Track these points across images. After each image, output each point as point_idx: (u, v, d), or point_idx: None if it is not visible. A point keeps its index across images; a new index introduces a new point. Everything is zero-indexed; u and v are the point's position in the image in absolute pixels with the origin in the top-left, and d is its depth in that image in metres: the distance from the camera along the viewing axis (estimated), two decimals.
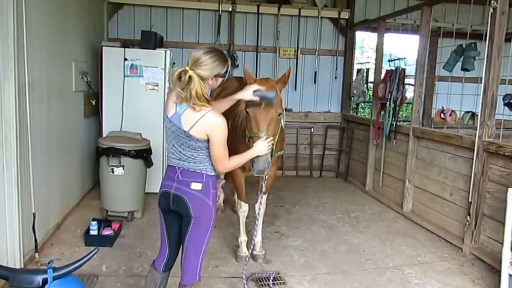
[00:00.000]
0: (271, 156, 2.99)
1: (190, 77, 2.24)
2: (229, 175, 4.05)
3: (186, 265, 2.50)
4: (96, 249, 2.50)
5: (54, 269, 2.39)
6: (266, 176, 3.40)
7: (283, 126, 3.41)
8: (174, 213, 2.51)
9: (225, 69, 2.39)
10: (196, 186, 2.41)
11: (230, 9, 6.90)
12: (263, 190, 3.71)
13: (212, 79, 2.37)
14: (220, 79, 2.43)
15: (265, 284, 3.52)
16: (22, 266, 3.45)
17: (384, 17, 6.34)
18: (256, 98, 2.83)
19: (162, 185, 2.53)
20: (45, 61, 3.92)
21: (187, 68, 2.27)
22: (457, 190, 4.53)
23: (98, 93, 5.62)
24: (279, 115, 3.05)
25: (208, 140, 2.35)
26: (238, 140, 3.42)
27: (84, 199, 5.42)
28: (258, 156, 2.80)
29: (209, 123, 2.31)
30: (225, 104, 2.86)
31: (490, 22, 4.04)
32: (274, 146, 3.01)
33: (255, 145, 2.80)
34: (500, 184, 3.92)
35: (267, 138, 2.85)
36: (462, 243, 4.32)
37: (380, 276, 3.76)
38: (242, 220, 4.00)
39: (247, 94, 2.83)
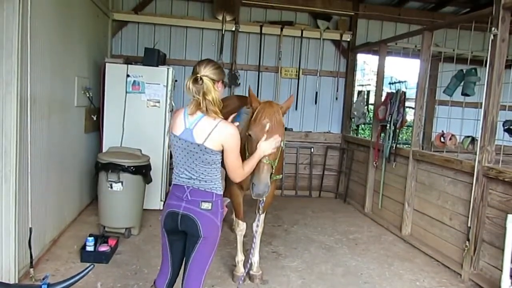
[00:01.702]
0: (270, 180, 2.99)
1: (204, 81, 2.30)
2: (228, 194, 4.04)
3: (189, 284, 2.45)
4: (92, 265, 2.47)
5: (49, 285, 2.34)
6: (264, 198, 3.40)
7: (283, 147, 3.42)
8: (181, 233, 2.48)
9: (225, 75, 2.50)
10: (207, 205, 2.39)
11: (233, 29, 7.00)
12: (261, 211, 3.70)
13: (220, 85, 2.43)
14: (223, 87, 2.49)
15: None
16: (17, 282, 3.41)
17: (385, 41, 6.42)
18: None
19: (168, 205, 2.48)
20: (48, 76, 3.96)
21: (201, 74, 2.32)
22: (456, 214, 4.50)
23: (99, 108, 5.64)
24: (281, 140, 3.06)
25: (222, 152, 2.37)
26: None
27: (82, 215, 5.38)
28: (258, 180, 2.84)
29: (223, 132, 2.34)
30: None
31: (490, 48, 4.09)
32: (273, 170, 3.02)
33: (259, 146, 2.79)
34: (500, 210, 3.90)
35: (269, 165, 2.88)
36: (461, 269, 4.27)
37: None
38: (240, 239, 3.97)
39: None
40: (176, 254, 2.58)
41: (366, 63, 12.20)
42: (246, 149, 3.11)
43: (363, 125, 8.95)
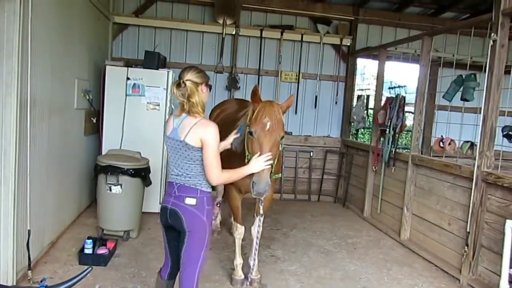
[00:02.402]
0: (270, 178, 2.99)
1: (186, 85, 2.51)
2: (226, 197, 4.04)
3: (182, 279, 2.59)
4: (90, 268, 2.47)
5: (47, 287, 2.35)
6: (263, 198, 3.40)
7: (283, 146, 3.44)
8: (173, 229, 2.64)
9: (209, 79, 2.68)
10: (190, 201, 2.53)
11: (234, 33, 7.01)
12: (260, 212, 3.70)
13: (204, 86, 2.60)
14: (208, 89, 2.67)
15: None
16: (15, 284, 3.40)
17: (385, 45, 6.44)
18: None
19: (162, 201, 2.68)
20: (48, 78, 3.96)
21: (184, 78, 2.53)
22: (455, 219, 4.50)
23: (99, 111, 5.65)
24: (281, 138, 3.10)
25: (202, 150, 2.50)
26: (236, 162, 3.43)
27: (81, 217, 5.38)
28: (259, 178, 2.86)
29: (201, 128, 2.50)
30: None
31: (490, 54, 4.10)
32: (272, 168, 3.04)
33: (251, 163, 2.86)
34: (499, 215, 3.90)
35: (261, 155, 2.88)
36: (459, 274, 4.27)
37: None
38: (238, 243, 3.96)
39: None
40: (173, 249, 2.74)
41: (366, 67, 12.23)
42: (246, 149, 3.13)
43: (362, 130, 8.94)
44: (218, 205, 5.16)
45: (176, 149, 2.56)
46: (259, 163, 2.85)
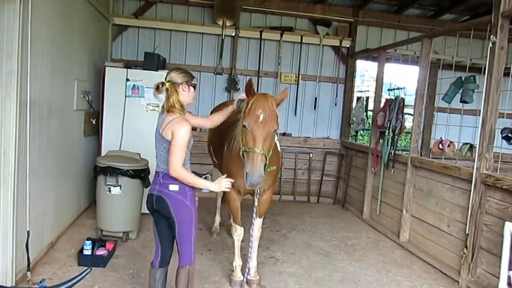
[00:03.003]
0: (264, 171, 3.05)
1: (165, 86, 2.81)
2: (225, 199, 4.04)
3: (182, 252, 2.91)
4: (89, 269, 2.48)
5: None
6: (259, 191, 3.41)
7: (277, 141, 3.56)
8: (160, 214, 2.90)
9: (193, 80, 2.91)
10: (174, 187, 2.79)
11: (233, 34, 7.02)
12: (257, 213, 3.73)
13: (184, 86, 2.85)
14: (192, 88, 2.90)
15: None
16: (14, 285, 3.40)
17: (384, 47, 6.45)
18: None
19: (149, 189, 2.95)
20: (47, 79, 3.97)
21: (163, 81, 2.84)
22: (454, 221, 4.51)
23: (99, 112, 5.65)
24: (275, 130, 3.13)
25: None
26: (231, 161, 3.56)
27: (80, 218, 5.38)
28: (252, 169, 2.95)
29: (174, 124, 2.74)
30: (221, 115, 3.39)
31: (489, 56, 4.10)
32: (267, 161, 3.09)
33: (215, 181, 2.99)
34: (497, 217, 3.90)
35: (263, 155, 2.99)
36: (458, 276, 4.27)
37: None
38: (237, 244, 3.96)
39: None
40: (162, 232, 2.99)
41: (366, 70, 12.25)
42: (241, 141, 3.18)
43: (362, 131, 8.95)
44: (200, 189, 5.11)
45: (159, 142, 2.84)
46: (220, 183, 2.96)
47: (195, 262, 2.97)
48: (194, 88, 2.93)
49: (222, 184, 2.96)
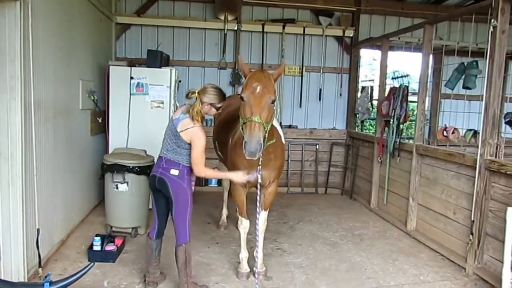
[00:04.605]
0: (264, 145, 3.15)
1: (195, 97, 3.26)
2: (231, 192, 4.09)
3: (178, 231, 3.35)
4: (92, 264, 2.56)
5: (51, 283, 2.45)
6: (260, 171, 3.47)
7: (281, 132, 3.78)
8: (160, 192, 3.37)
9: (219, 104, 3.32)
10: (174, 172, 3.28)
11: (236, 28, 7.04)
12: (262, 206, 3.78)
13: (207, 105, 3.28)
14: (213, 109, 3.32)
15: None
16: (26, 281, 3.50)
17: (387, 35, 6.41)
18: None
19: (152, 170, 3.43)
20: (51, 81, 4.04)
21: (196, 91, 3.28)
22: (460, 208, 4.49)
23: (104, 111, 5.73)
24: (273, 102, 3.22)
25: (189, 144, 3.25)
26: (235, 154, 3.64)
27: (90, 216, 5.48)
28: (250, 137, 3.05)
29: (192, 134, 3.23)
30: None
31: (490, 40, 4.06)
32: (266, 134, 3.19)
33: (233, 172, 3.57)
34: (503, 203, 3.88)
35: (261, 124, 3.08)
36: (465, 263, 4.27)
37: None
38: (243, 237, 4.01)
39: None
40: (160, 208, 3.50)
41: (374, 58, 12.14)
42: (240, 115, 3.30)
43: (371, 121, 8.90)
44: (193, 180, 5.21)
45: (172, 134, 3.29)
46: (238, 175, 3.52)
47: (190, 242, 3.39)
48: (218, 109, 3.36)
49: (240, 176, 3.50)
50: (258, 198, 3.51)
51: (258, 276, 3.88)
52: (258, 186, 3.50)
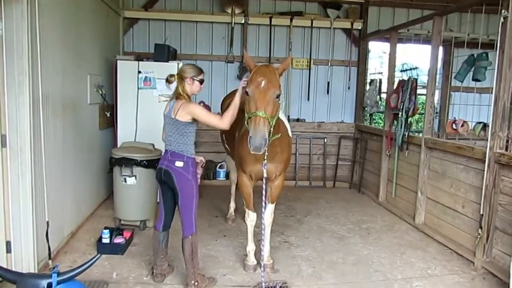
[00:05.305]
0: (269, 140, 3.14)
1: (174, 78, 3.41)
2: (238, 185, 4.10)
3: (184, 223, 3.41)
4: (99, 255, 2.60)
5: (59, 274, 2.49)
6: (266, 165, 3.46)
7: (288, 125, 3.81)
8: (166, 184, 3.44)
9: (200, 76, 3.41)
10: (179, 164, 3.34)
11: (243, 22, 7.02)
12: (269, 199, 3.78)
13: (190, 80, 3.37)
14: (196, 83, 3.40)
15: None
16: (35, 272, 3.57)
17: (396, 27, 6.33)
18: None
19: (159, 163, 3.48)
20: (59, 76, 4.08)
21: (174, 73, 3.44)
22: (469, 202, 4.46)
23: (113, 105, 5.77)
24: (278, 96, 3.20)
25: (190, 123, 3.30)
26: (242, 147, 3.64)
27: (99, 209, 5.55)
28: (254, 132, 3.03)
29: (186, 107, 3.28)
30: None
31: (500, 31, 3.99)
32: (272, 128, 3.18)
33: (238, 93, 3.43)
34: None
35: (265, 119, 3.06)
36: (473, 257, 4.24)
37: None
38: (250, 229, 4.02)
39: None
40: (167, 200, 3.56)
41: (384, 51, 12.03)
42: (245, 110, 3.27)
43: (380, 114, 8.84)
44: (202, 166, 5.20)
45: (170, 125, 3.35)
46: (240, 87, 3.44)
47: (197, 234, 3.45)
48: (201, 82, 3.42)
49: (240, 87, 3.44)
50: (263, 192, 3.51)
51: (265, 269, 3.91)
52: (264, 180, 3.50)
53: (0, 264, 2.85)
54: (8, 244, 3.48)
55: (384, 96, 6.84)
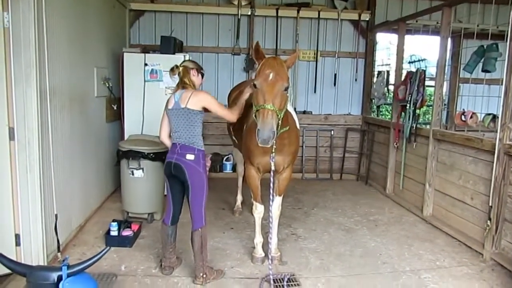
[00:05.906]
0: (277, 133, 3.12)
1: (180, 69, 3.43)
2: (245, 177, 4.10)
3: (194, 216, 3.42)
4: (108, 248, 2.60)
5: (68, 267, 2.51)
6: (274, 158, 3.45)
7: (296, 117, 3.81)
8: (175, 178, 3.42)
9: (202, 70, 3.54)
10: (190, 157, 3.32)
11: (249, 13, 6.97)
12: (277, 192, 3.78)
13: (194, 72, 3.47)
14: (200, 75, 3.52)
15: (279, 286, 3.55)
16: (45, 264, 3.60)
17: (404, 18, 6.26)
18: None
19: (167, 157, 3.44)
20: (66, 68, 4.08)
21: (178, 64, 3.48)
22: (478, 194, 4.42)
23: (119, 97, 5.78)
24: (286, 89, 3.18)
25: (200, 112, 3.32)
26: (250, 139, 3.61)
27: (107, 202, 5.57)
28: (262, 125, 3.02)
29: (198, 95, 3.32)
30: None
31: (511, 22, 3.93)
32: (279, 121, 3.16)
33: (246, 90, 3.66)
34: None
35: (273, 112, 3.04)
36: (482, 249, 4.22)
37: (396, 280, 3.72)
38: (258, 222, 4.03)
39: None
40: (175, 194, 3.56)
41: (391, 42, 11.92)
42: (253, 102, 3.25)
43: (387, 106, 8.77)
44: (211, 159, 5.22)
45: (179, 116, 3.31)
46: (245, 91, 3.67)
47: (206, 226, 3.46)
48: (202, 76, 3.56)
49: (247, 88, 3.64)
50: (271, 184, 3.51)
51: (272, 261, 3.92)
52: (271, 173, 3.50)
53: (9, 257, 2.86)
54: (17, 237, 3.50)
55: (391, 88, 6.78)
